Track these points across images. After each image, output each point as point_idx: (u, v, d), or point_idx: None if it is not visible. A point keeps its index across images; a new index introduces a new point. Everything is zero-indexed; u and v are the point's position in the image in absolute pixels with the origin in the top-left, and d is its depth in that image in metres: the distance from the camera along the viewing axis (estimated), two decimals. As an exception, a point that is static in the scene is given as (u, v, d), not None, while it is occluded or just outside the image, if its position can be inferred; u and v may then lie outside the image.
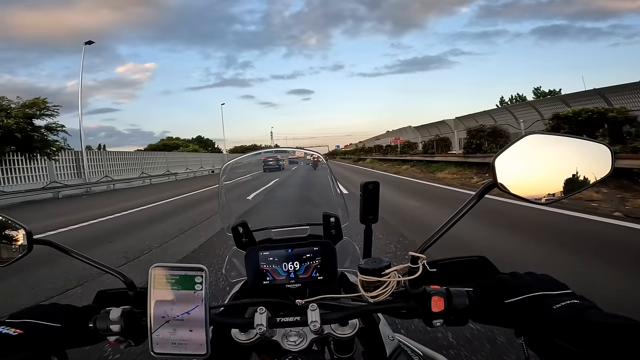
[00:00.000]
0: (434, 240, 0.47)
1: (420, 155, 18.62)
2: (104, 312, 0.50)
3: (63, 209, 9.19)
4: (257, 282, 0.68)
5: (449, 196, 7.18)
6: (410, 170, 15.78)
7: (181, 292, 0.45)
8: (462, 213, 0.45)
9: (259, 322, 0.48)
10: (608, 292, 2.13)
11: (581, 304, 0.38)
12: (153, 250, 4.09)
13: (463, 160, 13.16)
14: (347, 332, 0.52)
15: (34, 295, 2.79)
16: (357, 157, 39.41)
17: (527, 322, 0.40)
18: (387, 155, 27.77)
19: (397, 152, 25.44)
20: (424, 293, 0.47)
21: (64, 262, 3.26)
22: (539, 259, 2.90)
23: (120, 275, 0.51)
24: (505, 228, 4.06)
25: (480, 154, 12.39)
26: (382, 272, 0.47)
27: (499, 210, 4.74)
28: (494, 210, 4.74)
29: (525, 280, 0.44)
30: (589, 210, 4.70)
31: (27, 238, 0.51)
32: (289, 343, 0.52)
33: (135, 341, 0.51)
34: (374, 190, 0.66)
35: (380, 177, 12.74)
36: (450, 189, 8.22)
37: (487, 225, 4.07)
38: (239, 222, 0.74)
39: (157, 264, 0.46)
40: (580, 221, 4.10)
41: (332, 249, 0.69)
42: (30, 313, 0.48)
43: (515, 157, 0.42)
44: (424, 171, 14.59)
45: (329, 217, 0.73)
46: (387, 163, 23.89)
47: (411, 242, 3.67)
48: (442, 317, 0.46)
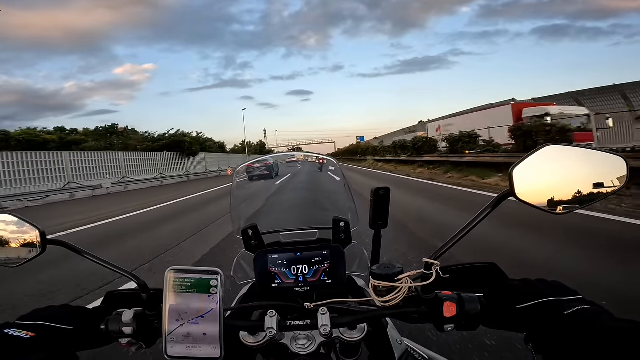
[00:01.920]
0: (448, 248, 0.47)
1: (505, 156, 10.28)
2: (116, 314, 0.50)
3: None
4: (266, 285, 0.68)
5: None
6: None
7: (196, 296, 0.45)
8: (476, 221, 0.45)
9: (269, 325, 0.48)
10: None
11: (592, 309, 0.38)
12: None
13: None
14: (355, 335, 0.52)
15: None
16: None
17: (538, 327, 0.41)
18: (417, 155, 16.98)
19: (441, 149, 16.29)
20: (436, 298, 0.47)
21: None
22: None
23: (133, 277, 0.51)
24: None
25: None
26: (395, 277, 0.48)
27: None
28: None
29: (536, 287, 0.44)
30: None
31: (40, 238, 0.51)
32: (298, 346, 0.52)
33: (147, 343, 0.51)
34: (384, 196, 0.66)
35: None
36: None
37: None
38: (249, 225, 0.74)
39: (172, 267, 0.46)
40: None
41: (341, 253, 0.69)
42: (40, 315, 0.47)
43: (532, 168, 0.42)
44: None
45: (339, 221, 0.73)
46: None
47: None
48: (453, 322, 0.47)
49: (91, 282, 3.02)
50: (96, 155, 18.28)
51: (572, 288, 0.43)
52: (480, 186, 8.58)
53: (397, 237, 3.95)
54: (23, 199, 11.92)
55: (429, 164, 14.75)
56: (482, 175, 9.71)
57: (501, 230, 3.89)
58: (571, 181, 0.43)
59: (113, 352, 0.65)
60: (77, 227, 6.25)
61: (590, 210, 4.70)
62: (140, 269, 3.47)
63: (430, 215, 5.50)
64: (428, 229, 4.44)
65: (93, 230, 6.04)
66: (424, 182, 10.86)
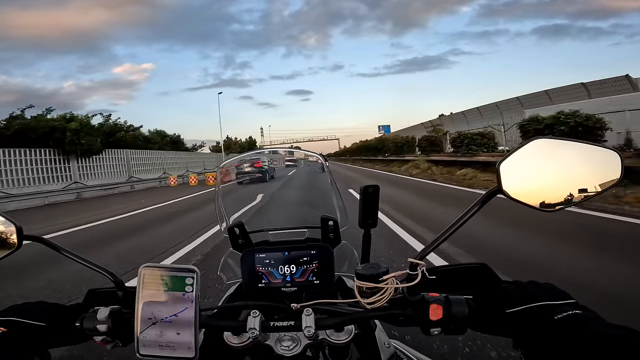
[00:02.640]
0: (434, 247, 0.45)
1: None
2: (92, 312, 0.49)
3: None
4: (253, 285, 0.67)
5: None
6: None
7: (170, 293, 0.43)
8: (463, 220, 0.43)
9: (251, 326, 0.47)
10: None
11: (583, 314, 0.37)
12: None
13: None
14: (343, 338, 0.50)
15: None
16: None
17: (527, 332, 0.39)
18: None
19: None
20: (422, 300, 0.46)
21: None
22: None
23: (109, 274, 0.50)
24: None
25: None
26: (379, 278, 0.46)
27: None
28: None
29: (528, 290, 0.43)
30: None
31: (16, 234, 0.50)
32: (282, 348, 0.51)
33: (123, 342, 0.50)
34: (373, 194, 0.65)
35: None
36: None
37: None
38: (236, 223, 0.73)
39: (146, 264, 0.44)
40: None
41: (329, 252, 0.68)
42: (15, 311, 0.47)
43: (520, 162, 0.40)
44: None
45: (327, 220, 0.72)
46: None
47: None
48: (440, 326, 0.45)
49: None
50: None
51: (564, 291, 0.42)
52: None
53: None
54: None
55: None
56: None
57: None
58: (562, 177, 0.41)
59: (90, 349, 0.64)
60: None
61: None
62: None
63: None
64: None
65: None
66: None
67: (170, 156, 23.71)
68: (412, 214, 5.45)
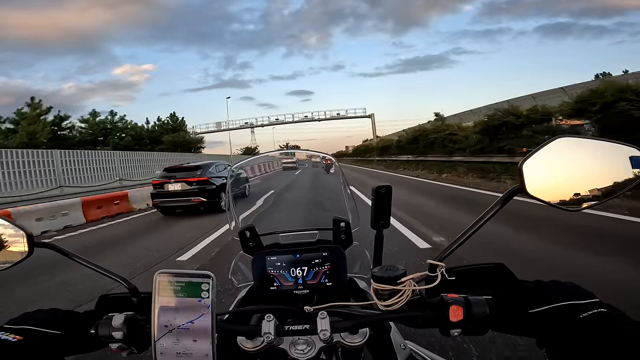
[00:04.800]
0: (454, 249, 0.44)
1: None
2: (107, 318, 0.48)
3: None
4: (264, 288, 0.66)
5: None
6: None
7: (186, 300, 0.43)
8: (484, 220, 0.42)
9: (266, 330, 0.46)
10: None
11: (609, 313, 0.37)
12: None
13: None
14: (357, 340, 0.50)
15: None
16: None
17: (551, 332, 0.39)
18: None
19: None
20: (442, 302, 0.45)
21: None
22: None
23: (123, 280, 0.49)
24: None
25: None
26: (397, 280, 0.45)
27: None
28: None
29: (550, 289, 0.42)
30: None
31: (27, 241, 0.49)
32: (297, 351, 0.51)
33: (139, 348, 0.49)
34: (386, 195, 0.64)
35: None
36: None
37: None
38: (247, 226, 0.72)
39: (162, 270, 0.44)
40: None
41: (342, 254, 0.67)
42: (29, 319, 0.47)
43: (543, 161, 0.40)
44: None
45: (339, 221, 0.71)
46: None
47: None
48: (460, 327, 0.45)
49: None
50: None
51: (588, 290, 0.41)
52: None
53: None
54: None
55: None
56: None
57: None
58: (585, 175, 0.40)
59: (104, 357, 0.63)
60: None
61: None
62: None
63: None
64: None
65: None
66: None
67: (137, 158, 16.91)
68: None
